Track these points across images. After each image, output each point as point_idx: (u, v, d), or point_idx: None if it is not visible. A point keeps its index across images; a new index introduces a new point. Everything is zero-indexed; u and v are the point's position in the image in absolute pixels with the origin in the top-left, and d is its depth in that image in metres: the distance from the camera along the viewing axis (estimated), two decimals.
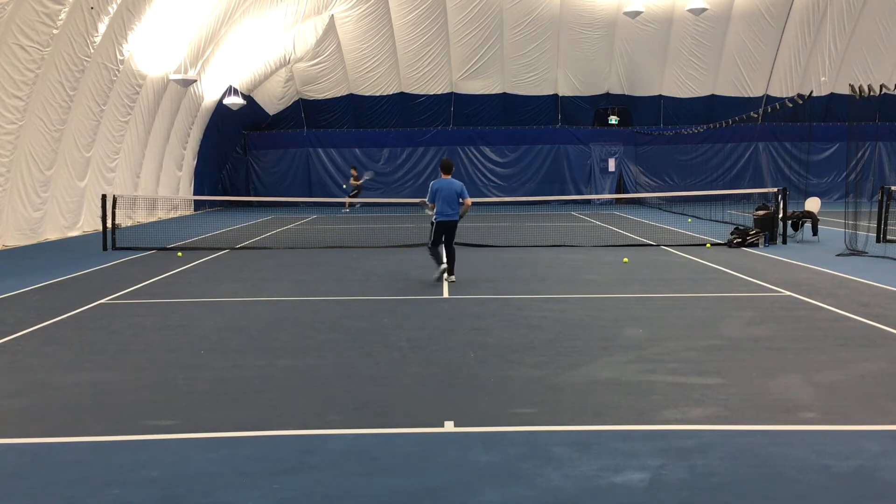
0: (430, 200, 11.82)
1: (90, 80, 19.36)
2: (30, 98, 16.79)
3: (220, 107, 29.41)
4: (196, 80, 24.03)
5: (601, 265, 13.79)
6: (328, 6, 29.86)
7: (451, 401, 6.01)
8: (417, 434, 5.28)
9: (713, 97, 34.51)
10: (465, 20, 31.37)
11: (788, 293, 10.66)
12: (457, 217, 11.81)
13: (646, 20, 30.55)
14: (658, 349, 7.52)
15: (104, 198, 16.99)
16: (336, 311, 9.63)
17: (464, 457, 4.83)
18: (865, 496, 4.27)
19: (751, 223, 18.26)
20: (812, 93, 25.88)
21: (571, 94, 34.62)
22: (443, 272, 11.81)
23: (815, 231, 17.88)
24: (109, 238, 16.66)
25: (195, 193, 30.26)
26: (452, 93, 34.35)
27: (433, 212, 11.82)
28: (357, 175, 32.17)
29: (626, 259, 14.39)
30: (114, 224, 17.07)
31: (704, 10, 27.43)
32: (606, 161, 34.39)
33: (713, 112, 33.89)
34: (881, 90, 15.50)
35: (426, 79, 33.64)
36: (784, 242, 17.14)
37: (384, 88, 34.02)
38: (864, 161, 32.85)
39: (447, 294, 10.85)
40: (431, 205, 11.84)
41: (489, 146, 34.65)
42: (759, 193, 25.03)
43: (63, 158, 19.11)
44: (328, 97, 34.26)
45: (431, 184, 11.90)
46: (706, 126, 30.71)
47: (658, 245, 16.94)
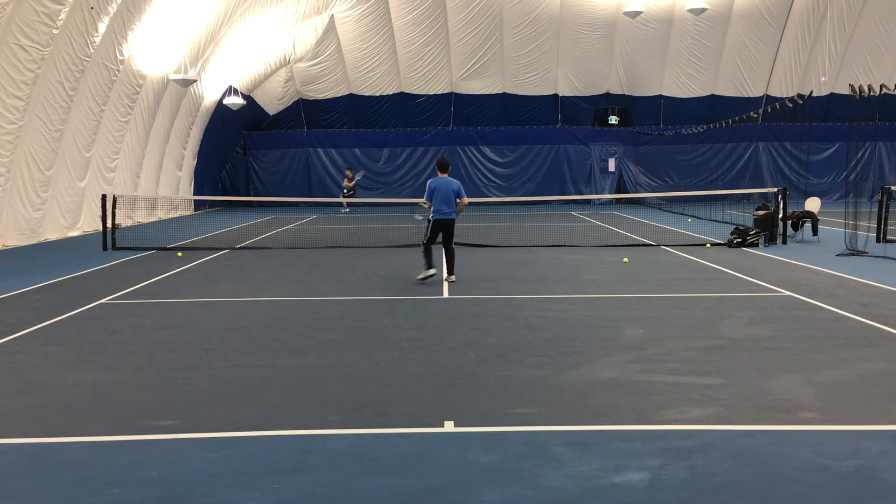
0: (428, 199, 11.88)
1: (90, 80, 19.36)
2: (30, 98, 16.79)
3: (220, 107, 29.41)
4: (196, 80, 24.04)
5: (601, 265, 13.79)
6: (328, 6, 29.87)
7: (451, 401, 6.00)
8: (417, 434, 5.27)
9: (713, 97, 34.52)
10: (465, 20, 31.38)
11: (788, 293, 10.66)
12: (454, 215, 11.89)
13: (646, 20, 30.55)
14: (658, 349, 7.52)
15: (104, 198, 16.99)
16: (336, 311, 9.63)
17: (464, 457, 4.83)
18: (865, 496, 4.27)
19: (751, 223, 18.26)
20: (812, 93, 25.88)
21: (571, 94, 34.63)
22: (429, 276, 11.87)
23: (815, 231, 17.88)
24: (109, 238, 16.66)
25: (195, 193, 30.27)
26: (452, 93, 34.36)
27: (428, 211, 11.88)
28: (351, 176, 32.21)
29: (626, 259, 14.39)
30: (114, 224, 17.07)
31: (704, 10, 27.44)
32: (606, 161, 34.40)
33: (713, 112, 33.89)
34: (881, 90, 15.49)
35: (426, 79, 33.65)
36: (784, 242, 17.14)
37: (384, 88, 34.02)
38: (864, 161, 32.86)
39: (447, 294, 10.85)
40: (429, 203, 11.90)
41: (489, 146, 34.66)
42: (759, 193, 25.03)
43: (63, 158, 19.11)
44: (328, 97, 34.27)
45: (429, 182, 11.96)
46: (706, 126, 30.71)
47: (658, 245, 16.94)
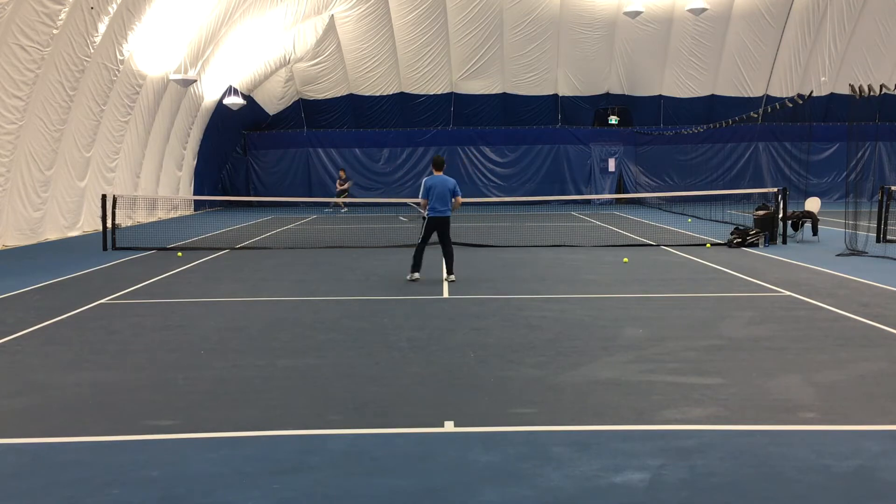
0: (424, 196, 11.93)
1: (90, 80, 19.36)
2: (30, 98, 16.79)
3: (220, 107, 29.41)
4: (196, 80, 24.04)
5: (601, 265, 13.79)
6: (328, 6, 29.86)
7: (451, 401, 6.00)
8: (417, 434, 5.27)
9: (713, 97, 34.51)
10: (465, 20, 31.37)
11: (788, 293, 10.66)
12: (449, 213, 11.99)
13: (646, 20, 30.55)
14: (658, 349, 7.52)
15: (104, 198, 16.99)
16: (336, 311, 9.63)
17: (464, 457, 4.83)
18: (865, 496, 4.27)
19: (751, 223, 18.26)
20: (812, 93, 25.88)
21: (571, 94, 34.62)
22: (414, 280, 11.95)
23: (815, 231, 17.88)
24: (109, 238, 16.66)
25: (195, 193, 30.27)
26: (452, 93, 34.35)
27: (416, 212, 11.95)
28: (345, 177, 32.21)
29: (626, 259, 14.39)
30: (114, 224, 17.07)
31: (704, 10, 27.44)
32: (606, 161, 34.39)
33: (713, 112, 33.88)
34: (881, 90, 15.49)
35: (426, 79, 33.65)
36: (784, 242, 17.13)
37: (384, 88, 34.02)
38: (864, 161, 32.85)
39: (447, 294, 10.85)
40: (424, 201, 11.93)
41: (489, 146, 34.66)
42: (759, 193, 25.03)
43: (63, 158, 19.11)
44: (328, 97, 34.26)
45: (424, 180, 12.00)
46: (706, 126, 30.71)
47: (658, 245, 16.94)
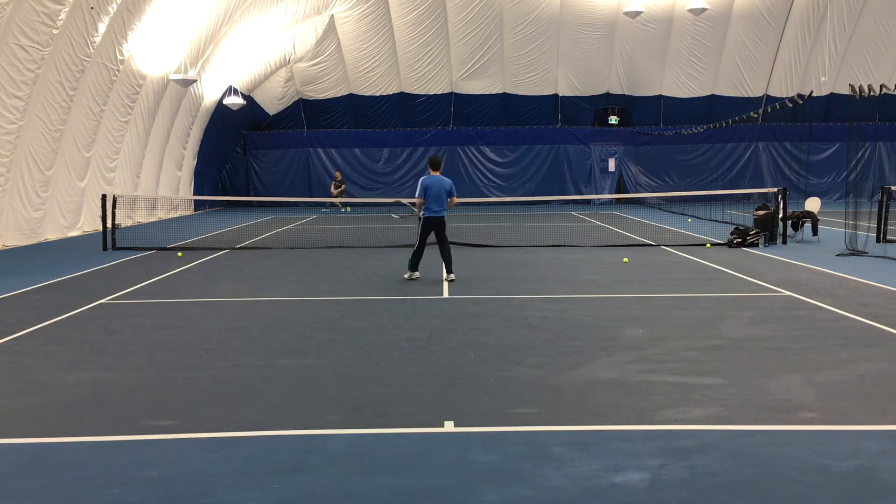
0: (420, 196, 11.96)
1: (90, 80, 19.36)
2: (30, 98, 16.78)
3: (220, 107, 29.41)
4: (196, 80, 24.04)
5: (601, 265, 13.79)
6: (328, 6, 29.86)
7: (451, 401, 6.00)
8: (417, 434, 5.27)
9: (713, 97, 34.51)
10: (465, 20, 31.37)
11: (788, 293, 10.66)
12: (444, 213, 12.05)
13: (646, 20, 30.55)
14: (658, 349, 7.52)
15: (104, 198, 16.99)
16: (336, 311, 9.63)
17: (464, 457, 4.83)
18: (865, 496, 4.27)
19: (751, 223, 18.26)
20: (812, 93, 25.88)
21: (571, 94, 34.62)
22: (414, 279, 11.99)
23: (815, 231, 17.88)
24: (109, 238, 16.66)
25: (195, 193, 30.26)
26: (452, 93, 34.35)
27: (408, 209, 11.98)
28: (340, 178, 32.17)
29: (626, 259, 14.39)
30: (114, 224, 17.07)
31: (704, 10, 27.43)
32: (606, 161, 34.39)
33: (713, 112, 33.88)
34: (881, 90, 15.49)
35: (426, 79, 33.64)
36: (784, 242, 17.13)
37: (384, 88, 34.01)
38: (864, 161, 32.85)
39: (447, 294, 10.85)
40: (420, 200, 11.94)
41: (489, 146, 34.65)
42: (759, 193, 25.03)
43: (63, 158, 19.10)
44: (328, 97, 34.26)
45: (421, 180, 12.02)
46: (706, 126, 30.71)
47: (658, 245, 16.94)
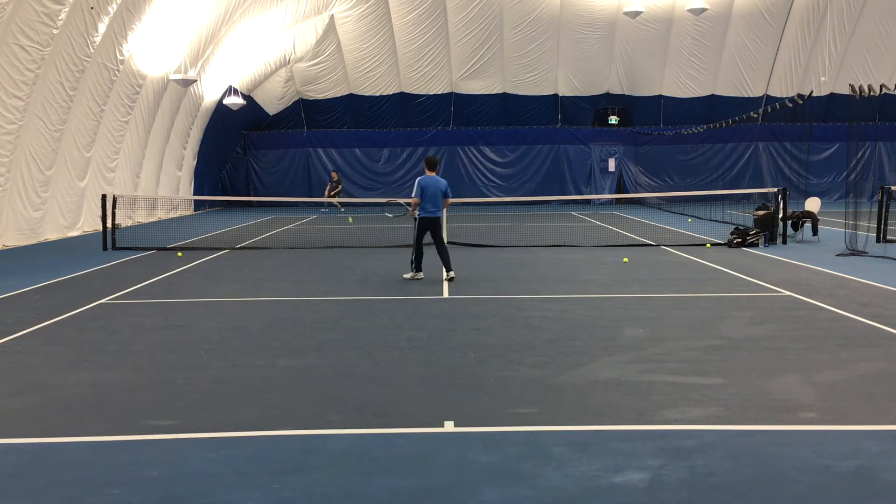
0: (417, 196, 11.98)
1: (90, 80, 19.36)
2: (30, 98, 16.78)
3: (220, 107, 29.41)
4: (196, 80, 24.04)
5: (601, 265, 13.79)
6: (328, 6, 29.86)
7: (451, 401, 6.00)
8: (417, 434, 5.27)
9: (713, 97, 34.51)
10: (465, 20, 31.37)
11: (788, 293, 10.66)
12: (440, 214, 12.10)
13: (646, 20, 30.55)
14: (658, 349, 7.52)
15: (104, 198, 16.99)
16: (336, 311, 9.63)
17: (464, 457, 4.83)
18: (865, 496, 4.27)
19: (751, 223, 18.26)
20: (812, 93, 25.88)
21: (571, 94, 34.62)
22: (418, 279, 12.01)
23: (815, 231, 17.88)
24: (109, 238, 16.66)
25: (195, 193, 30.27)
26: (452, 93, 34.35)
27: (402, 209, 11.98)
28: (337, 179, 32.21)
29: (626, 259, 14.39)
30: (114, 224, 17.07)
31: (704, 10, 27.44)
32: (606, 161, 34.40)
33: (713, 112, 33.88)
34: (881, 90, 15.49)
35: (426, 79, 33.65)
36: (784, 242, 17.13)
37: (384, 88, 34.02)
38: (864, 161, 32.85)
39: (447, 294, 10.85)
40: (416, 200, 11.97)
41: (489, 146, 34.66)
42: (759, 193, 25.03)
43: (63, 158, 19.11)
44: (328, 97, 34.26)
45: (418, 180, 12.02)
46: (706, 126, 30.71)
47: (658, 245, 16.94)
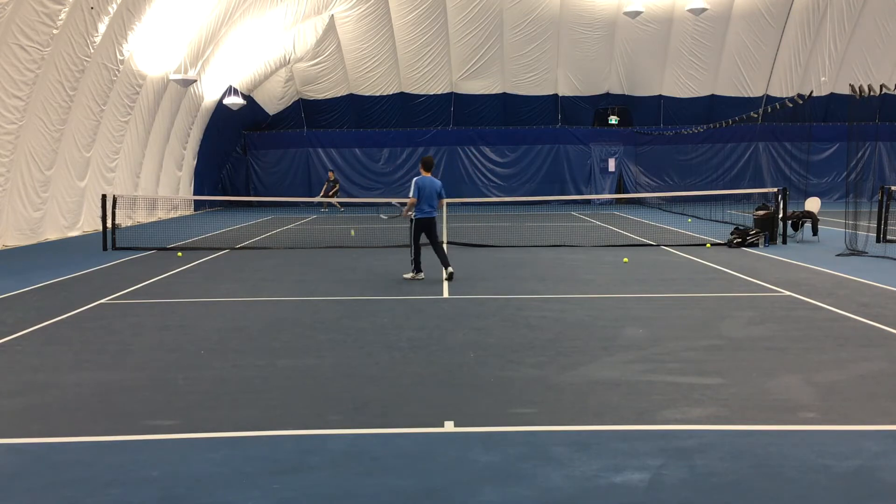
0: (415, 196, 12.00)
1: (90, 80, 19.36)
2: (30, 98, 16.78)
3: (220, 107, 29.41)
4: (196, 80, 24.04)
5: (601, 265, 13.79)
6: (328, 6, 29.86)
7: (451, 401, 6.00)
8: (417, 434, 5.27)
9: (713, 97, 34.51)
10: (465, 20, 31.37)
11: (788, 293, 10.66)
12: (435, 215, 12.16)
13: (646, 20, 30.55)
14: (658, 349, 7.52)
15: (104, 198, 16.99)
16: (336, 311, 9.63)
17: (464, 457, 4.83)
18: (865, 496, 4.26)
19: (751, 223, 18.26)
20: (812, 93, 25.89)
21: (571, 94, 34.62)
22: (419, 279, 12.03)
23: (815, 231, 17.88)
24: (109, 238, 16.66)
25: (195, 193, 30.27)
26: (452, 93, 34.35)
27: (398, 209, 12.00)
28: (333, 178, 32.24)
29: (626, 259, 14.39)
30: (114, 224, 17.07)
31: (704, 10, 27.43)
32: (606, 161, 34.40)
33: (713, 112, 33.88)
34: (881, 90, 15.49)
35: (426, 79, 33.65)
36: (784, 242, 17.13)
37: (384, 88, 34.02)
38: (864, 161, 32.85)
39: (447, 294, 10.85)
40: (413, 200, 11.98)
41: (489, 146, 34.66)
42: (759, 193, 25.03)
43: (63, 158, 19.11)
44: (328, 97, 34.26)
45: (415, 180, 12.04)
46: (706, 126, 30.71)
47: (658, 245, 16.94)
